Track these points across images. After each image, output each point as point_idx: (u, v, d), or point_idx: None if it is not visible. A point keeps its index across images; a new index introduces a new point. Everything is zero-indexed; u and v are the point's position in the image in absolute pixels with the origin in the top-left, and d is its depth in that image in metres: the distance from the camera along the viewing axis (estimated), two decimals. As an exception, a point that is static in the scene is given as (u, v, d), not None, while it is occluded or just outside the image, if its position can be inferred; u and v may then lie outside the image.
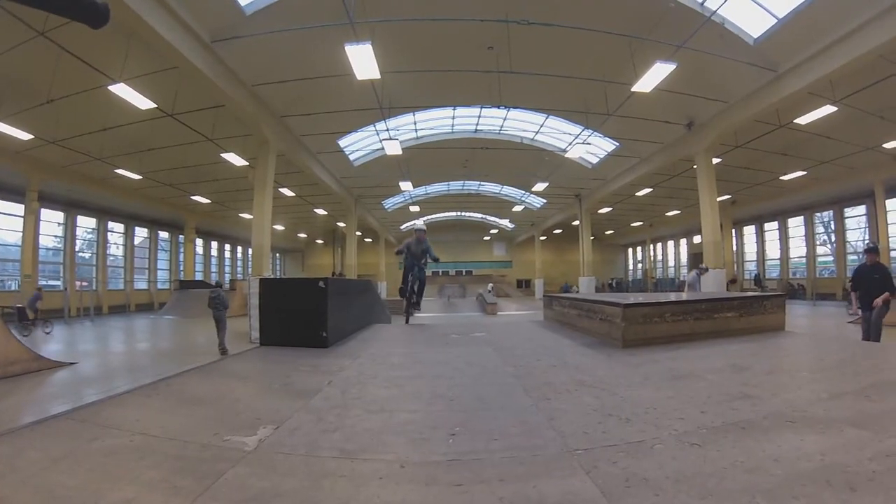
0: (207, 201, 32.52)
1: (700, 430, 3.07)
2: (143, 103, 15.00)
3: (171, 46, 12.39)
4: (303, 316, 7.05)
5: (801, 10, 13.61)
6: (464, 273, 63.82)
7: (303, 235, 54.85)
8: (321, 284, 7.06)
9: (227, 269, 49.25)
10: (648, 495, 2.20)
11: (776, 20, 14.39)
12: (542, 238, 53.48)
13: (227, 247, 49.10)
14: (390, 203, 42.02)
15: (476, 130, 26.21)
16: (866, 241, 9.00)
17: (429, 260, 11.26)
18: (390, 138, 21.82)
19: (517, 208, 43.25)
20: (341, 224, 38.99)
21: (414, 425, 3.43)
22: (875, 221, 28.31)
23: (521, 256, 62.32)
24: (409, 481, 2.53)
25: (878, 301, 8.58)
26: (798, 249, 36.84)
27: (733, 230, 41.42)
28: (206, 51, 13.86)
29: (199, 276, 39.03)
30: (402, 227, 52.36)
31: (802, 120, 18.56)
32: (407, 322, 11.16)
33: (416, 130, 25.38)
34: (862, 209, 31.31)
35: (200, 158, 23.46)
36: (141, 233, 36.31)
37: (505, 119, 24.76)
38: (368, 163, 28.44)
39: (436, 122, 25.39)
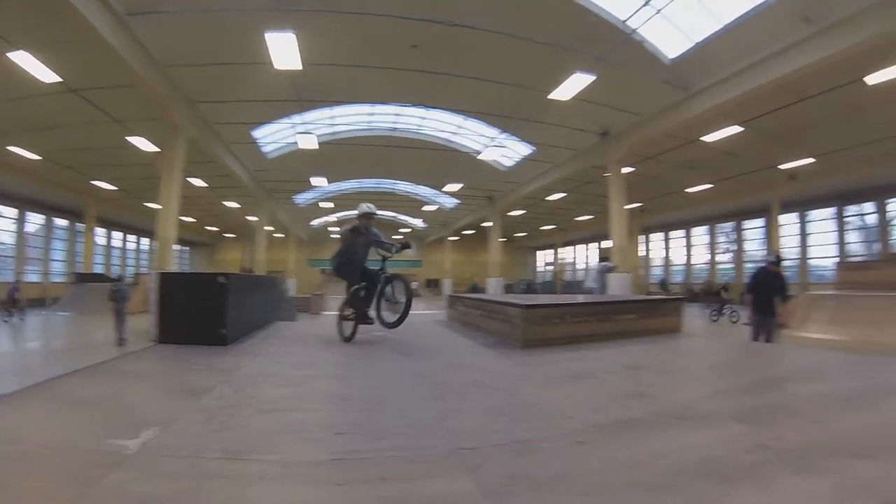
0: (112, 188, 30.37)
1: (589, 428, 3.10)
2: (46, 76, 13.85)
3: (81, 15, 11.09)
4: (202, 313, 6.75)
5: (715, 39, 14.50)
6: None
7: (213, 228, 52.38)
8: (221, 280, 6.81)
9: (131, 261, 46.49)
10: (529, 493, 2.18)
11: (693, 44, 15.14)
12: (453, 238, 53.44)
13: (132, 238, 46.45)
14: (302, 199, 40.81)
15: (394, 129, 25.92)
16: (772, 254, 9.44)
17: (388, 254, 7.89)
18: (306, 132, 21.32)
19: (430, 208, 43.21)
20: (252, 218, 37.32)
21: (305, 425, 3.32)
22: (770, 234, 31.53)
23: (432, 256, 61.68)
24: (292, 481, 2.43)
25: (785, 313, 9.08)
26: (701, 257, 39.46)
27: (642, 237, 43.40)
28: (120, 24, 12.68)
29: (99, 269, 36.26)
30: (313, 223, 51.53)
31: (709, 137, 19.76)
32: (348, 337, 7.26)
33: (332, 125, 24.74)
34: (760, 222, 34.10)
35: (106, 141, 21.76)
36: (35, 220, 33.05)
37: (424, 119, 24.59)
38: (282, 156, 27.48)
39: (354, 117, 24.80)
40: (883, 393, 4.22)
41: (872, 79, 14.75)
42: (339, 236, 8.28)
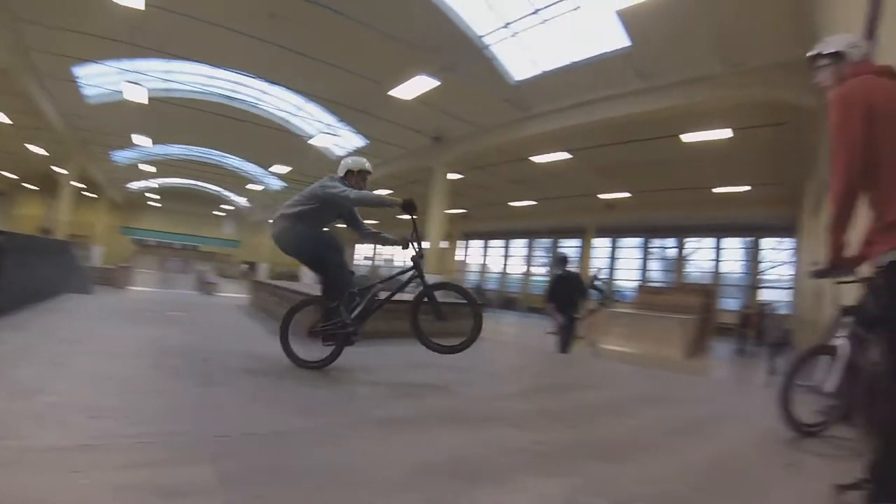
0: None
1: (358, 424, 3.16)
2: None
3: None
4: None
5: (560, 72, 15.69)
6: (189, 248, 58.20)
7: (11, 176, 44.45)
8: (-9, 238, 5.80)
9: None
10: (268, 483, 2.18)
11: (539, 72, 16.13)
12: None
13: None
14: (121, 157, 36.69)
15: (232, 98, 24.58)
16: (560, 254, 9.90)
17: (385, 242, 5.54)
18: (136, 83, 19.49)
19: (256, 187, 41.76)
20: (60, 170, 32.69)
21: (58, 408, 2.99)
22: (584, 254, 35.19)
23: (251, 238, 57.85)
24: (25, 469, 2.14)
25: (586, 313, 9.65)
26: (518, 267, 42.16)
27: (462, 242, 45.29)
28: None
29: None
30: (131, 185, 47.18)
31: (539, 159, 21.13)
32: (315, 363, 4.78)
33: (167, 81, 22.36)
34: (576, 242, 37.16)
35: None
36: None
37: (265, 93, 23.66)
38: (105, 105, 24.34)
39: (191, 77, 22.79)
40: (647, 401, 4.80)
41: (686, 137, 17.26)
42: (318, 184, 5.26)
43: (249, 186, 42.20)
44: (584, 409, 4.19)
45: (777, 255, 30.23)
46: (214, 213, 59.13)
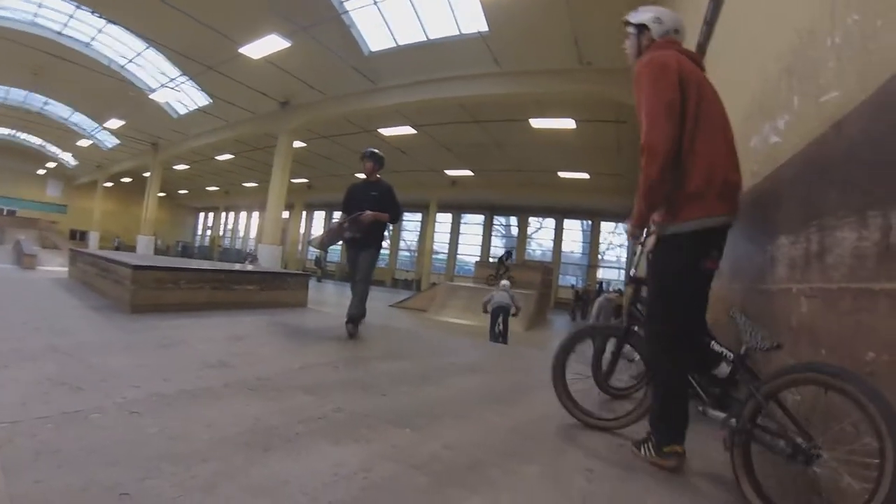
0: None
1: (152, 398, 2.96)
2: None
3: None
4: None
5: (416, 47, 15.75)
6: (4, 212, 49.13)
7: None
8: None
9: None
10: (52, 467, 1.97)
11: (394, 45, 16.04)
12: (108, 185, 46.23)
13: None
14: None
15: (61, 34, 21.64)
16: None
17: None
18: None
19: (84, 143, 36.80)
20: None
21: None
22: (425, 228, 36.27)
23: (80, 203, 51.63)
24: None
25: None
26: None
27: (304, 212, 44.51)
28: None
29: None
30: None
31: (386, 131, 21.06)
32: None
33: None
34: (418, 216, 39.22)
35: None
36: None
37: (101, 32, 20.86)
38: None
39: (15, 2, 19.73)
40: (466, 371, 4.94)
41: (536, 123, 18.28)
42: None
43: (80, 143, 37.20)
44: (397, 378, 4.22)
45: (615, 238, 32.98)
46: (38, 171, 51.21)
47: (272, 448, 2.39)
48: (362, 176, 6.13)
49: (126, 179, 46.42)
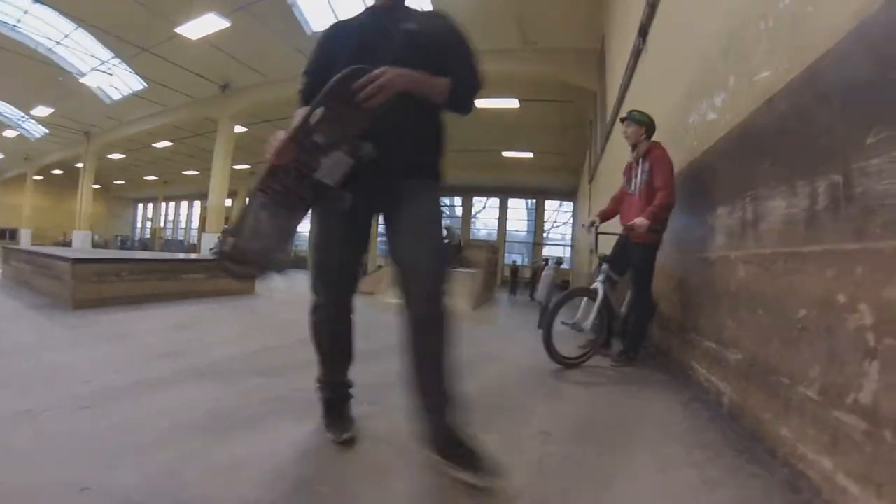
0: None
1: (103, 391, 2.92)
2: None
3: None
4: None
5: None
6: None
7: None
8: None
9: None
10: (7, 468, 1.92)
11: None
12: (38, 178, 42.99)
13: None
14: None
15: None
16: None
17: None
18: None
19: (10, 134, 34.04)
20: None
21: None
22: None
23: (7, 199, 46.93)
24: None
25: None
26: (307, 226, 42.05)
27: (248, 199, 42.94)
28: None
29: None
30: None
31: None
32: None
33: None
34: None
35: None
36: None
37: (26, 13, 19.12)
38: None
39: None
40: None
41: (479, 102, 17.39)
42: None
43: (5, 134, 34.41)
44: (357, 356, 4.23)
45: (558, 216, 33.48)
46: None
47: (233, 429, 2.42)
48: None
49: (57, 171, 43.46)
